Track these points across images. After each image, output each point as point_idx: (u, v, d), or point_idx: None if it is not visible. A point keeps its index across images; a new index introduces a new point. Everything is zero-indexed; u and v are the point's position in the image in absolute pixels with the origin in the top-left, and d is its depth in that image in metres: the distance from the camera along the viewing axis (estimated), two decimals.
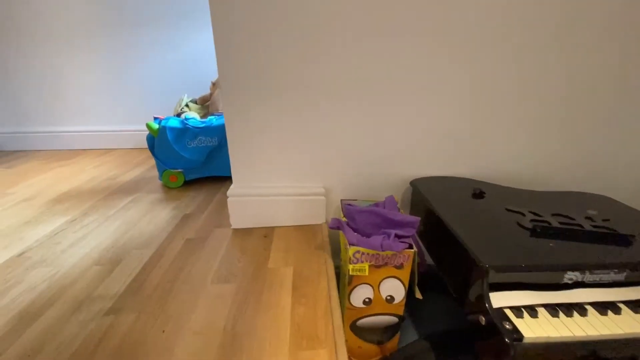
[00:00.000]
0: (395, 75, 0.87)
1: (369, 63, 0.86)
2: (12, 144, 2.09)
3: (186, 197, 1.31)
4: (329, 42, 0.83)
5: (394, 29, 0.82)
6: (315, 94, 0.88)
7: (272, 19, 0.80)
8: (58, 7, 1.80)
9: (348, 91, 0.88)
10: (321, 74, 0.86)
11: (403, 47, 0.84)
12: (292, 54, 0.83)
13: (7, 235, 1.02)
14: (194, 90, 1.99)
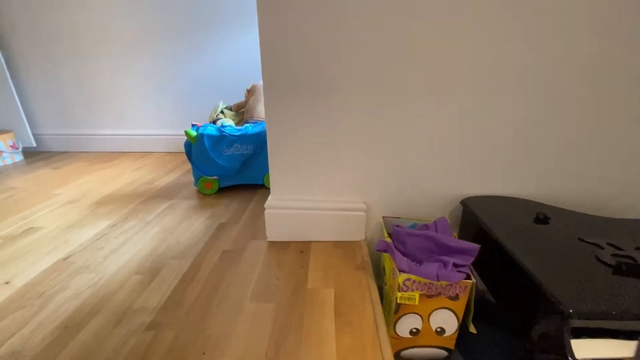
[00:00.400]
0: (441, 84, 0.81)
1: (415, 71, 0.80)
2: (59, 145, 2.22)
3: (220, 204, 1.31)
4: (373, 49, 0.78)
5: (445, 34, 0.76)
6: (358, 105, 0.84)
7: (319, 28, 0.77)
8: (104, 18, 1.89)
9: (391, 103, 0.83)
10: (364, 84, 0.81)
11: (451, 53, 0.78)
12: (336, 62, 0.80)
13: (54, 237, 1.06)
14: (229, 97, 2.02)
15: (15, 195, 1.43)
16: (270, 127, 0.88)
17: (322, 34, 0.77)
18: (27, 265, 0.91)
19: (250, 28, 1.89)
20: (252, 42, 1.91)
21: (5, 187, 1.52)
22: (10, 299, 0.77)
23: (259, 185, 1.50)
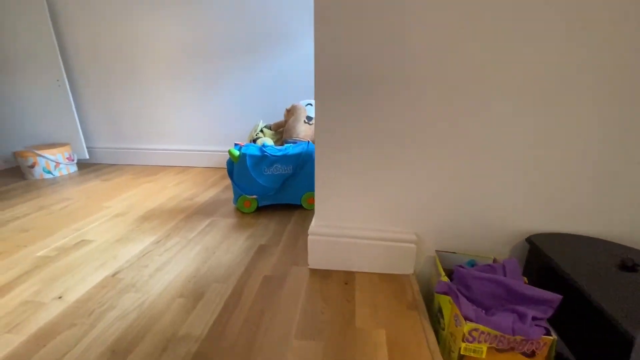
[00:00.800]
0: (508, 103, 0.75)
1: (471, 96, 0.74)
2: (108, 158, 2.37)
3: (259, 224, 1.30)
4: (426, 74, 0.74)
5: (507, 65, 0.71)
6: (412, 129, 0.79)
7: (373, 45, 0.74)
8: (156, 41, 2.03)
9: (448, 127, 0.78)
10: (417, 108, 0.77)
11: (514, 82, 0.72)
12: (386, 86, 0.76)
13: (103, 251, 1.10)
14: (268, 117, 2.06)
15: (70, 206, 1.52)
16: (319, 151, 0.86)
17: (376, 49, 0.75)
18: (78, 279, 0.94)
19: (291, 50, 1.93)
20: (291, 63, 1.95)
21: (61, 198, 1.63)
22: (63, 314, 0.79)
23: (297, 206, 1.48)
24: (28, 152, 1.91)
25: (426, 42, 0.72)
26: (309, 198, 1.43)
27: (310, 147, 1.39)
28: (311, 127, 1.61)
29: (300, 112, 1.65)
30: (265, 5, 1.86)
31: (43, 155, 1.94)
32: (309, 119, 1.62)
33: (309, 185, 1.41)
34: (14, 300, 0.85)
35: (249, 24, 1.92)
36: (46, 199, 1.62)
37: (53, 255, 1.07)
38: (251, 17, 1.90)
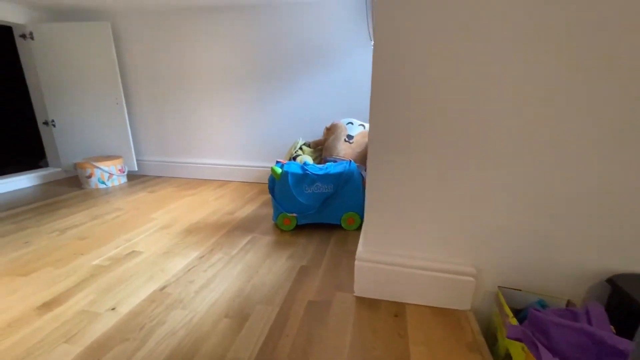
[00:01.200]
0: (570, 131, 0.68)
1: (537, 117, 0.68)
2: (155, 170, 2.51)
3: (299, 244, 1.28)
4: (488, 96, 0.70)
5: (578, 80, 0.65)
6: (478, 154, 0.74)
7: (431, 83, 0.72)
8: (203, 63, 2.16)
9: (520, 153, 0.72)
10: (477, 131, 0.72)
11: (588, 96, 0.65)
12: (444, 108, 0.73)
13: (152, 263, 1.13)
14: (307, 134, 2.09)
15: (121, 216, 1.60)
16: (371, 174, 0.83)
17: (433, 86, 0.72)
18: (130, 291, 0.97)
19: (329, 70, 1.96)
20: (331, 82, 1.97)
21: (113, 208, 1.73)
22: (116, 328, 0.81)
23: (336, 226, 1.45)
24: (87, 163, 2.08)
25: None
26: (348, 218, 1.39)
27: (352, 166, 1.37)
28: (351, 145, 1.60)
29: (341, 130, 1.65)
30: (306, 27, 1.92)
31: (99, 166, 2.10)
32: (350, 137, 1.61)
33: (349, 205, 1.38)
34: (72, 309, 0.89)
35: (291, 46, 1.98)
36: (100, 208, 1.73)
37: (107, 265, 1.12)
38: (293, 39, 1.96)
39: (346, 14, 1.84)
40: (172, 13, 2.10)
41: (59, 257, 1.18)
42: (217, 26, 2.06)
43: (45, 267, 1.11)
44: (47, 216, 1.60)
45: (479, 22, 0.67)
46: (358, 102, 1.96)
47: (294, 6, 1.90)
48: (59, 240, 1.32)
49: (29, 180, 2.20)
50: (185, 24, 2.10)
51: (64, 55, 2.15)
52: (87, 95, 2.23)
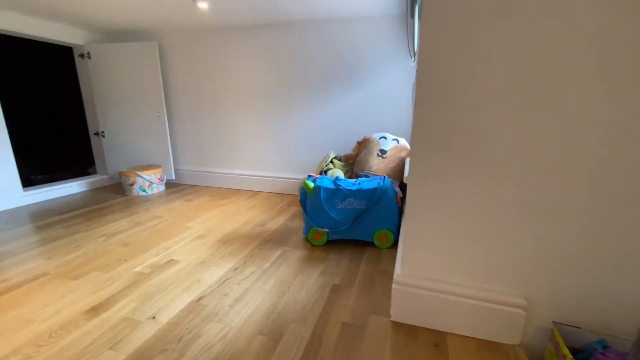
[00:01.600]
0: None
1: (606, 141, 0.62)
2: (190, 179, 2.63)
3: (331, 259, 1.27)
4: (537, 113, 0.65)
5: None
6: (523, 174, 0.69)
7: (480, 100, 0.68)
8: (238, 77, 2.25)
9: (572, 175, 0.66)
10: (533, 152, 0.68)
11: None
12: (496, 129, 0.69)
13: (188, 273, 1.17)
14: (339, 148, 2.09)
15: (160, 224, 1.68)
16: (411, 192, 0.80)
17: (483, 105, 0.69)
18: (168, 300, 1.00)
19: (361, 85, 1.95)
20: (363, 97, 1.97)
21: (153, 215, 1.83)
22: (156, 337, 0.84)
23: (367, 243, 1.42)
24: (131, 172, 2.22)
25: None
26: (381, 236, 1.36)
27: (385, 182, 1.34)
28: (384, 160, 1.57)
29: (373, 145, 1.63)
30: (339, 43, 1.94)
31: (141, 175, 2.23)
32: (383, 152, 1.59)
33: (382, 222, 1.35)
34: (116, 315, 0.93)
35: (324, 61, 2.01)
36: (141, 215, 1.83)
37: (147, 273, 1.17)
38: (326, 54, 1.99)
39: (380, 30, 1.84)
40: (211, 31, 2.22)
41: (105, 262, 1.25)
42: (253, 43, 2.14)
43: (93, 271, 1.18)
44: (96, 221, 1.72)
45: (524, 43, 0.63)
46: (390, 116, 1.93)
47: (329, 23, 1.94)
48: (105, 246, 1.40)
49: (79, 187, 2.39)
50: (223, 41, 2.21)
51: (116, 72, 2.34)
52: (134, 108, 2.40)
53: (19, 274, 1.17)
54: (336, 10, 1.75)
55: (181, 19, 2.00)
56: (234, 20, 1.99)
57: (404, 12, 1.76)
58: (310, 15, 1.87)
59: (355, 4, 1.65)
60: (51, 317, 0.93)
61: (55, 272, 1.18)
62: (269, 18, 1.94)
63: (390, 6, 1.67)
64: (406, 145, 1.63)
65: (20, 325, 0.89)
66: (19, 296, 1.03)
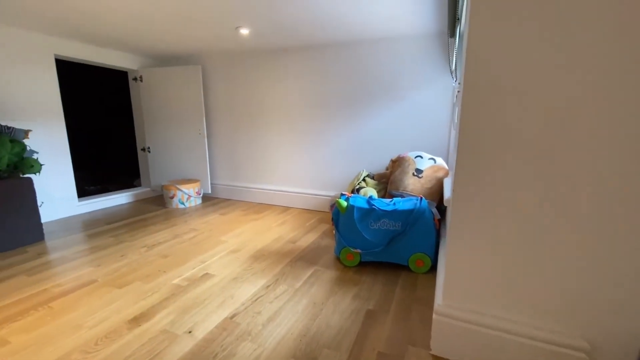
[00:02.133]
0: None
1: None
2: (225, 193, 2.73)
3: (363, 282, 1.23)
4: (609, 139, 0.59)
5: None
6: (591, 202, 0.63)
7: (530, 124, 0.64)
8: (273, 97, 2.34)
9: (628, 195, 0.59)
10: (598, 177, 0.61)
11: None
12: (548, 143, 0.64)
13: (223, 288, 1.19)
14: (372, 166, 2.07)
15: (197, 237, 1.75)
16: (456, 215, 0.76)
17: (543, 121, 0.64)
18: (204, 315, 1.01)
19: (395, 103, 1.94)
20: (397, 115, 1.95)
21: (190, 228, 1.90)
22: (192, 352, 0.85)
23: (402, 267, 1.36)
24: (172, 185, 2.35)
25: None
26: (417, 260, 1.30)
27: (422, 204, 1.30)
28: (420, 180, 1.52)
29: (408, 164, 1.59)
30: (374, 63, 1.96)
31: (181, 189, 2.36)
32: (419, 171, 1.54)
33: (419, 245, 1.29)
34: (155, 327, 0.96)
35: (357, 80, 2.03)
36: (179, 227, 1.91)
37: (184, 286, 1.21)
38: (360, 73, 2.01)
39: (417, 49, 1.84)
40: (249, 54, 2.35)
41: (146, 272, 1.31)
42: (288, 64, 2.23)
43: (136, 281, 1.24)
44: (139, 231, 1.82)
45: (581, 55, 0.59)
46: (425, 135, 1.89)
47: (364, 43, 1.97)
48: (147, 256, 1.48)
49: (125, 198, 2.57)
50: (260, 63, 2.33)
51: (163, 93, 2.54)
52: (177, 126, 2.57)
53: (71, 279, 1.26)
54: (371, 32, 1.78)
55: (223, 44, 2.14)
56: (271, 43, 2.10)
57: (441, 30, 1.75)
58: (345, 37, 1.92)
59: (391, 26, 1.67)
60: (98, 324, 0.98)
61: (102, 279, 1.26)
62: (305, 41, 2.01)
63: (428, 25, 1.66)
64: (443, 165, 1.57)
65: (70, 330, 0.95)
66: (70, 301, 1.10)
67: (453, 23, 1.27)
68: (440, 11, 1.46)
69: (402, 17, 1.55)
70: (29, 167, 1.65)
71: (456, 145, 0.74)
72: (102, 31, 1.85)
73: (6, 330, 0.95)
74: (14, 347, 0.88)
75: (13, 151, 1.60)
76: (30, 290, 1.17)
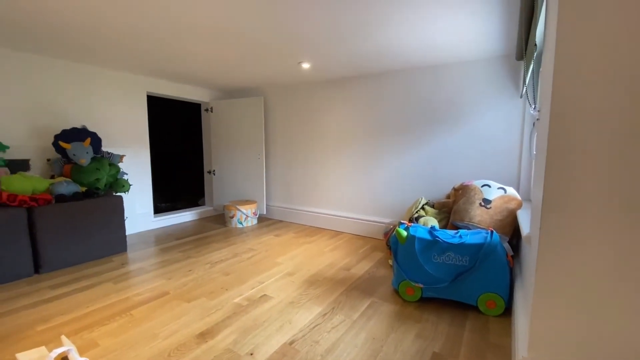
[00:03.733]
0: None
1: None
2: (278, 214, 2.82)
3: (427, 321, 1.14)
4: None
5: None
6: None
7: None
8: (324, 125, 2.41)
9: None
10: None
11: None
12: None
13: (280, 311, 1.20)
14: (430, 193, 1.98)
15: (254, 257, 1.82)
16: (544, 247, 0.68)
17: None
18: (264, 338, 1.03)
19: (455, 128, 1.86)
20: (457, 141, 1.86)
21: (248, 248, 1.99)
22: None
23: (469, 306, 1.24)
24: (232, 206, 2.52)
25: None
26: (488, 300, 1.17)
27: (494, 238, 1.19)
28: (489, 211, 1.41)
29: (474, 193, 1.48)
30: (433, 87, 1.93)
31: (240, 209, 2.51)
32: (486, 202, 1.43)
33: (490, 284, 1.17)
34: (220, 345, 1.00)
35: (415, 105, 2.01)
36: (238, 246, 2.01)
37: (245, 305, 1.25)
38: (418, 98, 1.99)
39: (481, 73, 1.77)
40: (306, 84, 2.49)
41: (210, 289, 1.39)
42: (345, 92, 2.31)
43: (202, 296, 1.32)
44: (203, 248, 1.96)
45: None
46: (491, 162, 1.76)
47: (423, 70, 1.96)
48: (210, 273, 1.57)
49: (191, 215, 2.81)
50: (317, 92, 2.45)
51: (229, 122, 2.80)
52: (239, 151, 2.79)
53: (148, 290, 1.39)
54: (431, 59, 1.77)
55: (285, 77, 2.31)
56: (329, 74, 2.21)
57: (507, 53, 1.67)
58: (402, 65, 1.93)
59: (452, 52, 1.65)
60: (170, 335, 1.05)
61: (174, 292, 1.36)
62: (362, 70, 2.08)
63: (493, 49, 1.61)
64: (515, 195, 1.43)
65: (148, 339, 1.03)
66: (147, 311, 1.21)
67: (523, 45, 1.21)
68: (508, 34, 1.40)
69: (465, 42, 1.53)
70: (121, 187, 1.92)
71: (540, 176, 0.68)
72: (185, 71, 2.14)
73: (97, 333, 1.07)
74: (102, 350, 0.98)
75: (110, 173, 1.88)
76: (115, 297, 1.32)
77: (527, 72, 1.23)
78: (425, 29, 1.36)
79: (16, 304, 1.26)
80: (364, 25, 1.33)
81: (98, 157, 1.84)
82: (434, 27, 1.34)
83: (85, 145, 1.75)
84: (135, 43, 1.58)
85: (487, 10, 1.20)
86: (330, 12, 1.21)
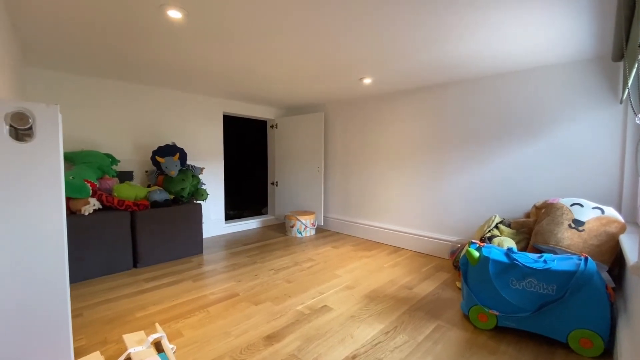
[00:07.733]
0: None
1: None
2: (335, 226, 2.85)
3: (504, 354, 1.02)
4: None
5: None
6: None
7: None
8: (383, 138, 2.38)
9: None
10: None
11: None
12: None
13: (342, 324, 1.21)
14: (504, 210, 1.80)
15: (313, 267, 1.87)
16: None
17: None
18: (326, 348, 1.04)
19: (535, 139, 1.67)
20: (535, 153, 1.67)
21: (307, 257, 2.05)
22: None
23: (559, 343, 1.08)
24: (293, 216, 2.63)
25: None
26: (582, 338, 1.01)
27: (590, 266, 1.03)
28: (581, 234, 1.22)
29: (561, 212, 1.31)
30: (507, 97, 1.78)
31: (300, 219, 2.61)
32: (578, 223, 1.25)
33: (584, 319, 1.01)
34: (285, 349, 1.05)
35: (486, 116, 1.87)
36: (298, 255, 2.09)
37: (307, 314, 1.29)
38: (488, 109, 1.85)
39: (565, 79, 1.58)
40: (366, 98, 2.51)
41: (275, 294, 1.47)
42: (405, 105, 2.27)
43: (267, 301, 1.40)
44: (267, 255, 2.09)
45: None
46: (579, 177, 1.53)
47: (494, 77, 1.83)
48: (274, 279, 1.66)
49: (255, 223, 3.02)
50: (376, 105, 2.45)
51: (291, 137, 2.97)
52: (300, 164, 2.93)
53: (220, 290, 1.53)
54: (506, 65, 1.65)
55: (346, 92, 2.37)
56: (389, 88, 2.20)
57: (600, 54, 1.46)
58: (469, 75, 1.83)
59: (532, 57, 1.51)
60: (241, 334, 1.14)
61: (243, 294, 1.47)
62: (425, 82, 2.02)
63: (583, 50, 1.43)
64: (617, 217, 1.22)
65: (222, 335, 1.13)
66: (221, 309, 1.33)
67: (624, 44, 1.05)
68: (601, 33, 1.24)
69: (548, 46, 1.39)
70: (201, 195, 2.17)
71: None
72: (257, 92, 2.36)
73: (181, 325, 1.21)
74: (186, 340, 1.11)
75: (193, 183, 2.14)
76: (195, 294, 1.48)
77: (630, 75, 1.07)
78: (496, 35, 1.28)
79: (120, 292, 1.50)
80: (433, 41, 1.31)
81: (184, 169, 2.12)
82: (507, 31, 1.25)
83: (174, 159, 2.03)
84: (230, 73, 1.83)
85: (577, 10, 1.08)
86: (397, 29, 1.22)
